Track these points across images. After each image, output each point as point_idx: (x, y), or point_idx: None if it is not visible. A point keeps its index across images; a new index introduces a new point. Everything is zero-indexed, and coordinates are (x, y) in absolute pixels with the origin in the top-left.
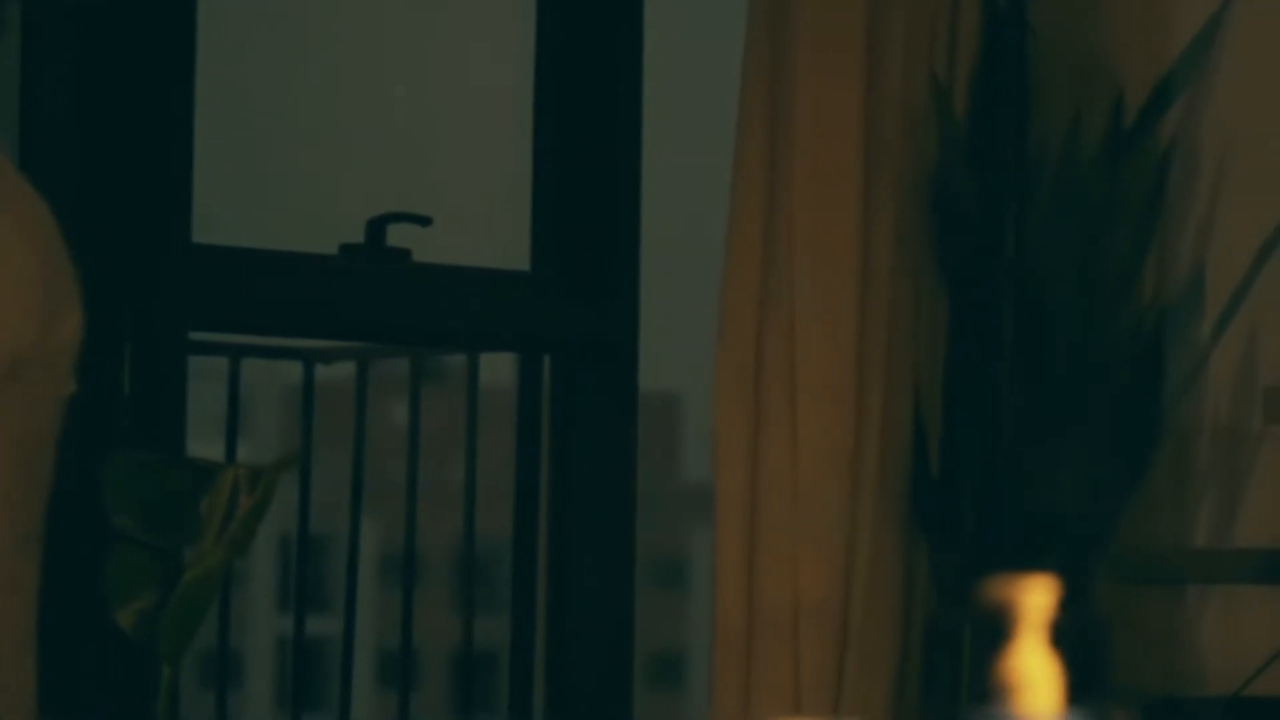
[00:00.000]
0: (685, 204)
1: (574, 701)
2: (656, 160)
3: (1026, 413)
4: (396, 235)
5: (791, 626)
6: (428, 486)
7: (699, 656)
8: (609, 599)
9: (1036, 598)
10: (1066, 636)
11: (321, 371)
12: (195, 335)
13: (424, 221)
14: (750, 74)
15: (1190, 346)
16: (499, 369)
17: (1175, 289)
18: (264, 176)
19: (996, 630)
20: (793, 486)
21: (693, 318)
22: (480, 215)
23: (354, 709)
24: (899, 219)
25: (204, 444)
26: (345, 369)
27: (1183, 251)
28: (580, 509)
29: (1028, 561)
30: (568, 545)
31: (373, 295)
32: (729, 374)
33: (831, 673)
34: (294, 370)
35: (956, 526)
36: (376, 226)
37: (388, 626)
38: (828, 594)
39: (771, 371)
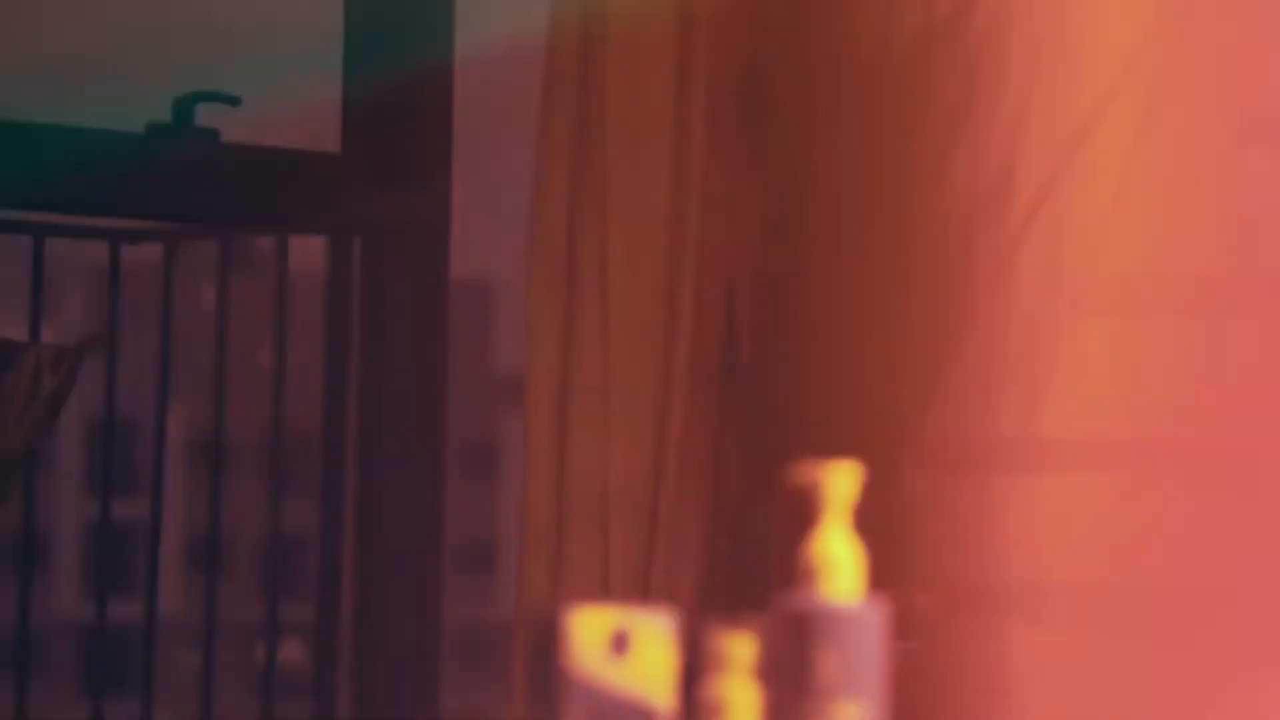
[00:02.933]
0: (500, 89)
1: (382, 587)
2: (471, 45)
3: (836, 302)
4: (205, 115)
5: (601, 514)
6: (236, 371)
7: (509, 545)
8: (419, 485)
9: (842, 484)
10: (872, 522)
11: (128, 252)
12: None
13: (233, 101)
14: None
15: (999, 236)
16: (309, 252)
17: (986, 178)
18: (71, 51)
19: (803, 517)
20: (603, 374)
21: (506, 206)
22: (291, 96)
23: (161, 594)
24: (713, 109)
25: (7, 325)
26: (153, 250)
27: (994, 141)
28: (391, 395)
29: (835, 448)
30: (377, 431)
31: (180, 175)
32: (541, 262)
33: (640, 560)
34: (100, 251)
35: (767, 413)
36: (184, 105)
37: (196, 511)
38: (637, 481)
39: (583, 260)
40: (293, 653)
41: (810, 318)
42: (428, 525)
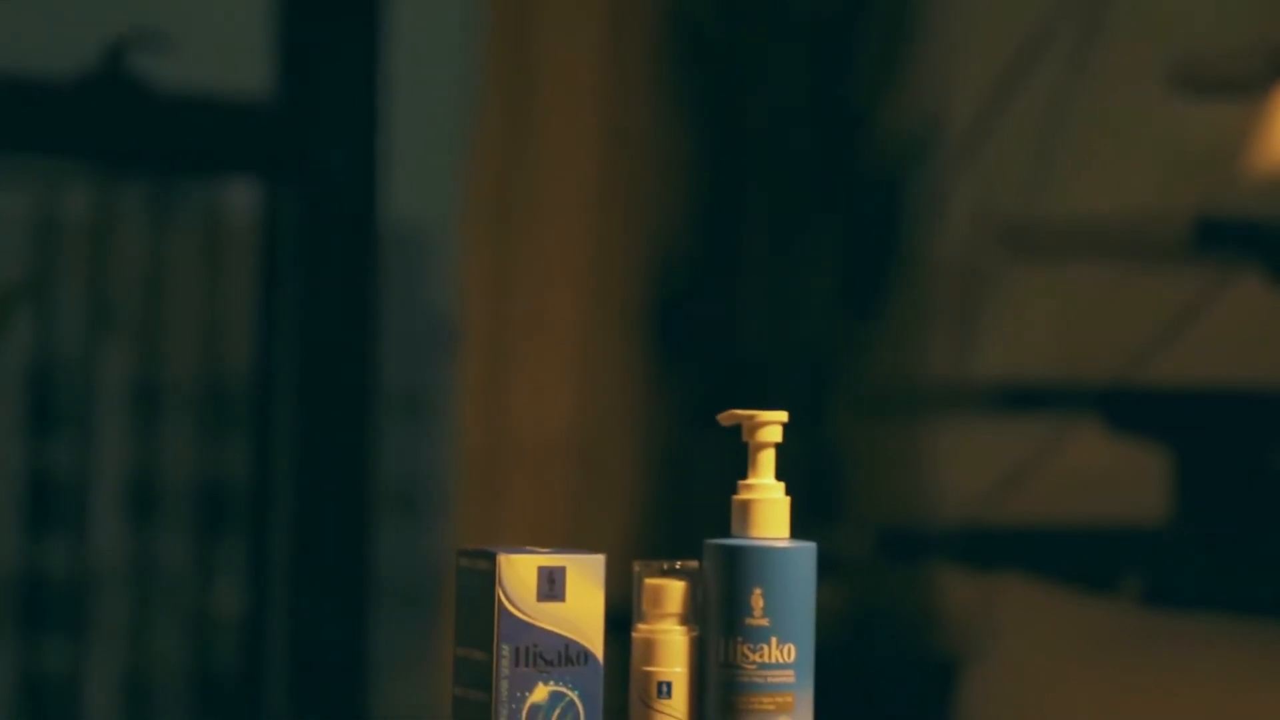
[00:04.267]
0: (431, 36)
1: (314, 531)
2: None
3: (767, 244)
4: (136, 58)
5: (534, 456)
6: (169, 316)
7: (440, 489)
8: (350, 430)
9: (772, 433)
10: (802, 465)
11: (61, 197)
12: None
13: (164, 43)
14: None
15: (931, 178)
16: (241, 197)
17: (917, 121)
18: None
19: (733, 458)
20: (537, 315)
21: (439, 149)
22: (220, 37)
23: (93, 538)
24: (646, 50)
25: None
26: (85, 195)
27: (925, 83)
28: (322, 340)
29: (765, 391)
30: (309, 376)
31: (112, 120)
32: (474, 204)
33: (572, 502)
34: (33, 195)
35: (697, 357)
36: (116, 48)
37: (129, 455)
38: (570, 423)
39: (517, 202)
40: (228, 595)
41: (741, 260)
42: (358, 468)
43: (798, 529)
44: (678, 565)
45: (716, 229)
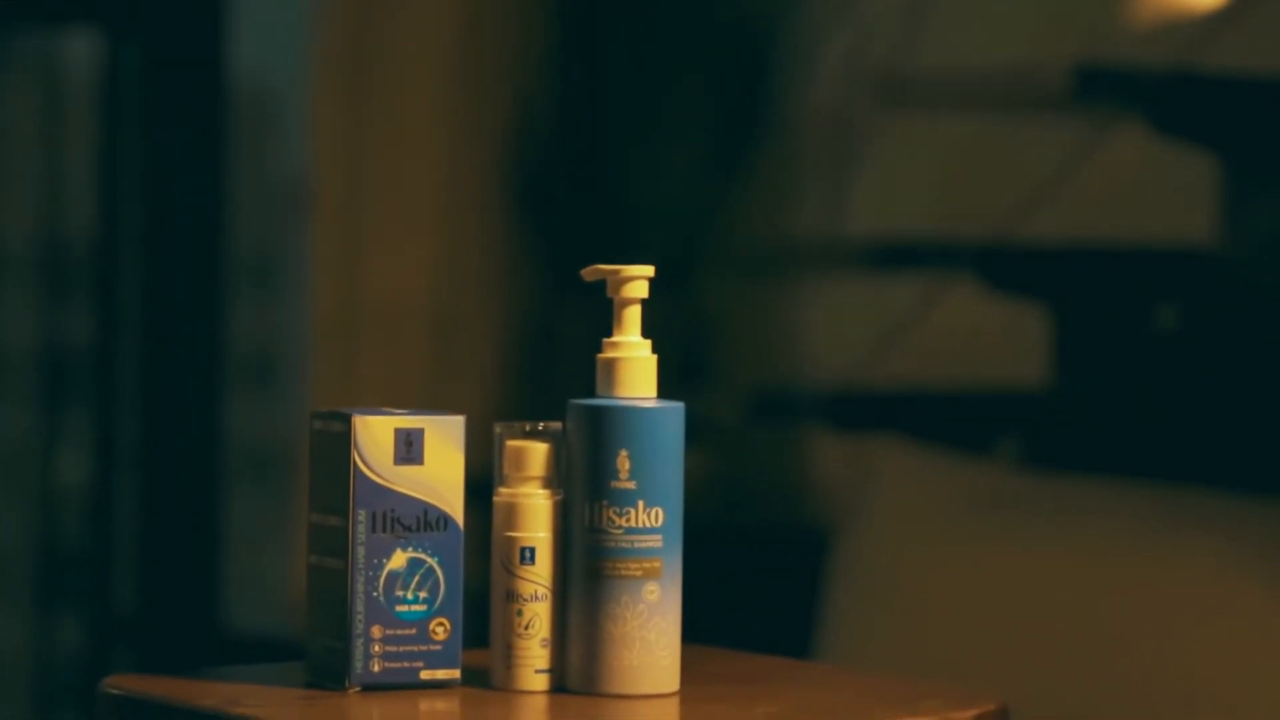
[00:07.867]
0: None
1: (163, 399)
2: None
3: (631, 104)
4: None
5: (392, 318)
6: (5, 174)
7: (294, 355)
8: (199, 294)
9: (638, 288)
10: (669, 327)
11: None
12: None
13: None
14: None
15: (803, 28)
16: (81, 49)
17: None
18: None
19: (597, 321)
20: (394, 176)
21: (289, 3)
22: None
23: None
24: None
25: None
26: None
27: None
28: (168, 200)
29: (631, 253)
30: (156, 238)
31: None
32: (327, 61)
33: (432, 363)
34: None
35: (560, 218)
36: None
37: None
38: (429, 283)
39: (372, 59)
40: (73, 467)
41: (607, 114)
42: (208, 335)
43: (665, 391)
44: (540, 427)
45: (580, 82)
